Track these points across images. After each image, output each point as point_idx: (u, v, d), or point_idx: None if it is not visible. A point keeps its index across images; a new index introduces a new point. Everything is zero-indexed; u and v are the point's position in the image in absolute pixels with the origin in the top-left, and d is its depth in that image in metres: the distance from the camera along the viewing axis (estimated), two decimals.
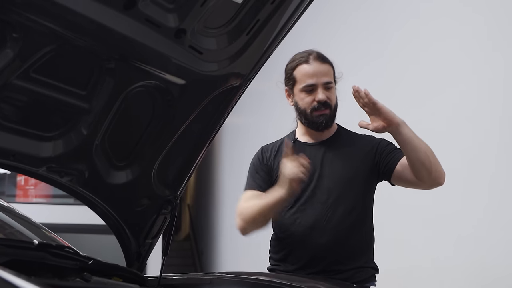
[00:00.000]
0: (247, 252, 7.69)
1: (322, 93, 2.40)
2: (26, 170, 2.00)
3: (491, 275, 3.20)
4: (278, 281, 2.02)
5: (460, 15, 3.64)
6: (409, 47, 4.20)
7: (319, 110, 2.41)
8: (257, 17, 1.92)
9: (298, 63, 2.45)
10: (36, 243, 1.66)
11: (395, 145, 2.41)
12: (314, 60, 2.43)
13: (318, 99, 2.39)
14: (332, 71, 2.45)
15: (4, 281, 0.93)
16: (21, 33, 1.64)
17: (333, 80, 2.45)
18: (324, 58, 2.45)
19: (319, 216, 2.36)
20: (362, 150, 2.46)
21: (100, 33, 1.73)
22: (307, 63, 2.42)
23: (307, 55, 2.44)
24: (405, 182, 2.40)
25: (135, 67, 1.87)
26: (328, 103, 2.41)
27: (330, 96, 2.42)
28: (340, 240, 2.36)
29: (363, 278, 2.38)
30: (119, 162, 2.12)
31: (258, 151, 2.56)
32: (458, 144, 3.52)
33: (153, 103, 2.03)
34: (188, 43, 1.86)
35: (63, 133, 1.96)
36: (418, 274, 3.83)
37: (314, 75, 2.40)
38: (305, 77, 2.42)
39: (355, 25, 5.10)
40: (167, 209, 2.23)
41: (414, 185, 2.37)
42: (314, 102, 2.40)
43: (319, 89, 2.40)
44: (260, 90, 6.59)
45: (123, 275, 1.93)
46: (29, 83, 1.77)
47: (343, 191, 2.37)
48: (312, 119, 2.43)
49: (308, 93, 2.41)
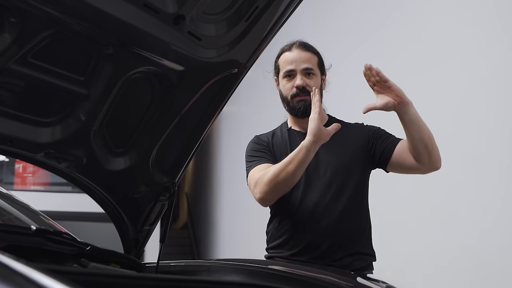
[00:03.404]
0: (245, 241, 7.71)
1: (300, 79, 2.44)
2: (24, 156, 2.00)
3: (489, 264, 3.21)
4: (276, 268, 2.03)
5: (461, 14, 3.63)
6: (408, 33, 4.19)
7: (298, 96, 2.44)
8: (256, 3, 1.91)
9: (281, 51, 2.53)
10: (33, 229, 1.66)
11: (387, 132, 2.45)
12: (296, 48, 2.49)
13: (296, 84, 2.43)
14: (315, 59, 2.48)
15: (2, 265, 0.93)
16: (19, 18, 1.63)
17: (316, 68, 2.47)
18: (307, 46, 2.50)
19: (317, 203, 2.38)
20: (356, 137, 2.48)
21: (98, 19, 1.72)
22: (289, 51, 2.50)
23: (291, 44, 2.52)
24: (402, 168, 2.40)
25: (134, 53, 1.86)
26: (307, 89, 2.42)
27: (310, 83, 2.44)
28: (338, 226, 2.37)
29: (360, 266, 2.39)
30: (117, 148, 2.12)
31: (253, 139, 2.57)
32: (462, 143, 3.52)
33: (151, 90, 2.02)
34: (187, 29, 1.85)
35: (61, 119, 1.96)
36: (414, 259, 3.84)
37: (294, 61, 2.46)
38: (285, 63, 2.48)
39: (353, 13, 5.08)
40: (165, 195, 2.23)
41: (411, 169, 2.38)
42: (294, 88, 2.44)
43: (298, 75, 2.44)
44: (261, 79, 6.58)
45: (120, 261, 1.93)
46: (27, 68, 1.77)
47: (339, 179, 2.39)
48: (292, 105, 2.47)
49: (288, 79, 2.47)
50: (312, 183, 2.41)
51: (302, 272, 1.99)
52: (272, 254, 2.48)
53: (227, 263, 2.11)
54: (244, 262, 2.08)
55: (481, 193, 3.31)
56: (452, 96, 3.64)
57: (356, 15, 5.03)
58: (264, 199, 2.35)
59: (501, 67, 3.18)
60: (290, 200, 2.42)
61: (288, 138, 2.50)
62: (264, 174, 2.33)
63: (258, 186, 2.34)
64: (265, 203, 2.40)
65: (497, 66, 3.22)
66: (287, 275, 1.92)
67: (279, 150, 2.48)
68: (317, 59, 2.49)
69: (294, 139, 2.49)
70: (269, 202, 2.40)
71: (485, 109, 3.32)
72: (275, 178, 2.29)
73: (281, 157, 2.39)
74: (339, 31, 5.22)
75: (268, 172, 2.32)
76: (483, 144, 3.33)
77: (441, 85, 3.74)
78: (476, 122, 3.40)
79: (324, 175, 2.40)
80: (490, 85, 3.28)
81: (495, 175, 3.21)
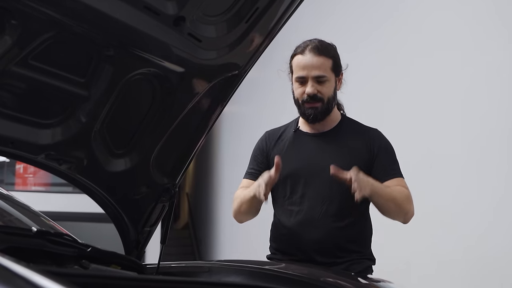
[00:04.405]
0: (246, 241, 7.71)
1: (311, 86, 2.38)
2: (24, 158, 2.00)
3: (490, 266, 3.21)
4: (277, 269, 2.03)
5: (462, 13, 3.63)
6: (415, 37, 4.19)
7: (308, 103, 2.40)
8: (257, 5, 1.91)
9: (295, 52, 2.45)
10: (34, 230, 1.66)
11: (390, 157, 2.44)
12: (309, 51, 2.40)
13: (307, 92, 2.39)
14: (328, 63, 2.40)
15: (3, 267, 0.93)
16: (20, 20, 1.63)
17: (329, 73, 2.40)
18: (321, 49, 2.41)
19: (315, 210, 2.37)
20: (361, 144, 2.44)
21: (99, 20, 1.72)
22: (302, 54, 2.41)
23: (305, 46, 2.42)
24: None
25: (134, 54, 1.87)
26: (318, 96, 2.39)
27: (322, 90, 2.39)
28: (335, 234, 2.37)
29: (358, 270, 2.38)
30: (118, 149, 2.12)
31: (263, 135, 2.58)
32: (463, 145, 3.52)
33: (152, 91, 2.02)
34: (187, 31, 1.85)
35: (61, 121, 1.96)
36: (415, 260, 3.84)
37: (305, 67, 2.39)
38: (298, 68, 2.42)
39: (355, 15, 5.08)
40: (165, 197, 2.23)
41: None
42: (305, 94, 2.40)
43: (309, 82, 2.38)
44: (260, 78, 6.58)
45: (121, 262, 1.94)
46: (28, 70, 1.77)
47: (340, 186, 2.31)
48: (303, 110, 2.44)
49: (300, 84, 2.42)
50: (312, 188, 2.39)
51: (304, 273, 2.00)
52: (273, 255, 2.49)
53: (228, 264, 2.11)
54: (245, 263, 2.08)
55: (481, 195, 3.31)
56: (452, 96, 3.64)
57: (357, 13, 5.03)
58: (236, 219, 2.53)
59: (505, 65, 3.18)
60: (290, 204, 2.42)
61: (292, 140, 2.48)
62: (237, 198, 2.47)
63: (232, 205, 2.50)
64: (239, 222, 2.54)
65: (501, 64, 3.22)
66: (288, 276, 1.92)
67: (277, 153, 2.46)
68: (331, 63, 2.40)
69: (298, 141, 2.47)
70: (241, 222, 2.53)
71: (487, 108, 3.32)
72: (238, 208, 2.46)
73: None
74: (340, 29, 5.22)
75: (238, 198, 2.46)
76: (483, 146, 3.33)
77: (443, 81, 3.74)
78: (477, 123, 3.40)
79: (325, 181, 2.37)
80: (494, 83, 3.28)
81: (495, 177, 3.21)
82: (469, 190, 3.41)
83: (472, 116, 3.45)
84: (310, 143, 2.46)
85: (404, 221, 2.42)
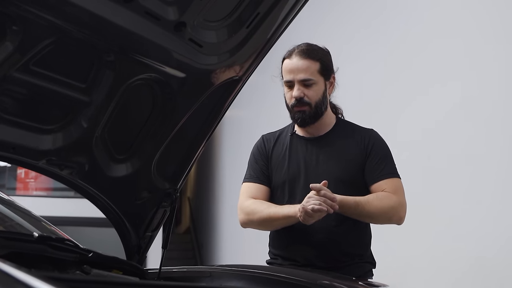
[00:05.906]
0: (247, 245, 7.70)
1: (297, 89, 2.39)
2: (26, 163, 2.00)
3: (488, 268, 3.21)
4: (277, 274, 2.03)
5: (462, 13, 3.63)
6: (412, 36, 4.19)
7: (296, 107, 2.41)
8: (257, 10, 1.91)
9: (284, 57, 2.46)
10: (36, 236, 1.66)
11: (382, 157, 2.42)
12: (295, 55, 2.41)
13: (293, 95, 2.40)
14: (314, 66, 2.39)
15: (4, 273, 0.93)
16: (21, 26, 1.63)
17: (317, 76, 2.39)
18: (307, 53, 2.40)
19: None
20: (355, 147, 2.43)
21: (99, 26, 1.72)
22: (289, 58, 2.43)
23: (292, 50, 2.44)
24: None
25: (135, 60, 1.87)
26: (304, 100, 2.39)
27: (308, 93, 2.39)
28: (335, 238, 2.37)
29: (358, 275, 2.38)
30: (119, 155, 2.12)
31: (258, 140, 2.58)
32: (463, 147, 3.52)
33: (153, 96, 2.02)
34: (188, 36, 1.86)
35: (63, 126, 1.95)
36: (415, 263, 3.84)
37: (292, 71, 2.40)
38: (285, 72, 2.43)
39: (355, 17, 5.09)
40: (167, 202, 2.23)
41: None
42: (292, 98, 2.41)
43: (295, 86, 2.39)
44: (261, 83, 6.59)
45: (123, 267, 1.93)
46: (29, 76, 1.77)
47: (337, 190, 2.30)
48: (292, 114, 2.45)
49: (288, 88, 2.43)
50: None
51: (304, 277, 1.99)
52: (273, 260, 2.49)
53: (229, 269, 2.11)
54: (246, 268, 2.08)
55: (481, 197, 3.31)
56: (452, 96, 3.64)
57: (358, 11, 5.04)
58: (245, 226, 2.49)
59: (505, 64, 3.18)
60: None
61: (289, 144, 2.49)
62: (254, 212, 2.40)
63: (242, 213, 2.45)
64: (245, 228, 2.50)
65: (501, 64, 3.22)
66: (289, 281, 1.92)
67: (277, 159, 2.47)
68: (318, 66, 2.40)
69: (295, 145, 2.48)
70: (246, 227, 2.51)
71: (487, 108, 3.32)
72: (261, 222, 2.40)
73: (279, 165, 2.44)
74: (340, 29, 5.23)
75: (257, 212, 2.39)
76: (482, 147, 3.33)
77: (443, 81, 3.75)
78: (477, 124, 3.40)
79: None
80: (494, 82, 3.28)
81: (495, 179, 3.21)
82: (469, 192, 3.41)
83: (472, 116, 3.45)
84: (305, 147, 2.46)
85: (396, 223, 2.40)
